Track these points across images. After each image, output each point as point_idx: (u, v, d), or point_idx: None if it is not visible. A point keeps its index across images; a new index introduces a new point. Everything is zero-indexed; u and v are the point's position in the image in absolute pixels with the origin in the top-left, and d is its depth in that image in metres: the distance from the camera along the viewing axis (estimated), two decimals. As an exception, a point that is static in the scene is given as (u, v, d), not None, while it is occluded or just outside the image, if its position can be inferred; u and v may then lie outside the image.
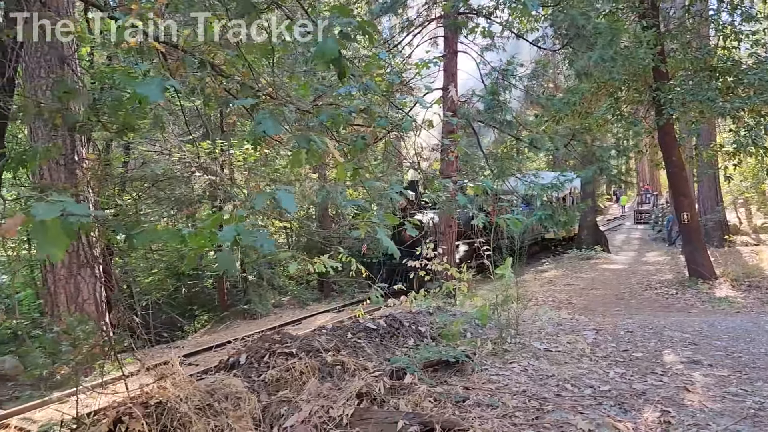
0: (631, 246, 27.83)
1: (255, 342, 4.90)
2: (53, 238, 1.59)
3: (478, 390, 4.59)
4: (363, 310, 10.14)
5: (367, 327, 5.78)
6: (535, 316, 7.31)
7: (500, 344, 5.73)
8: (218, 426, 3.83)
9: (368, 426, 3.99)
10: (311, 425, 4.00)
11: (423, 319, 6.46)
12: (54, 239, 1.59)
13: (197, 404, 3.89)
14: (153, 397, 3.89)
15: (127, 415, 3.79)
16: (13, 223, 1.53)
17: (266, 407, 4.16)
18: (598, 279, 17.10)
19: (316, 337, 5.00)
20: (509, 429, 3.89)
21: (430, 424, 3.90)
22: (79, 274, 10.95)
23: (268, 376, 4.44)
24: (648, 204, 38.58)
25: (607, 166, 9.08)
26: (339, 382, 4.49)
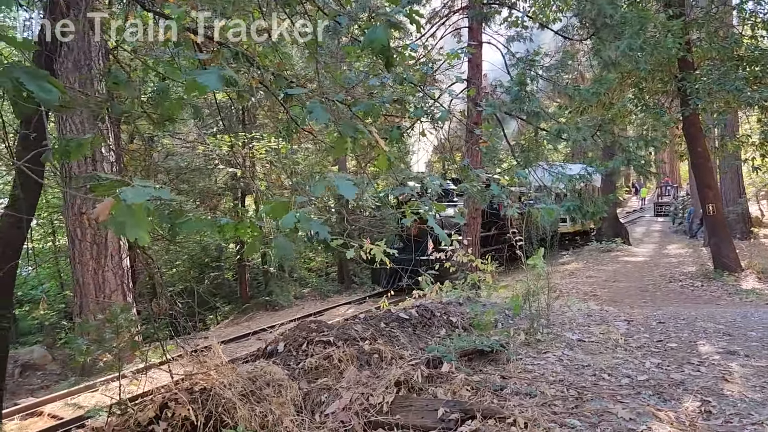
0: (652, 238, 27.56)
1: (292, 331, 4.96)
2: (139, 221, 1.64)
3: (515, 379, 4.61)
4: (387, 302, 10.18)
5: (399, 317, 5.81)
6: (564, 306, 7.29)
7: (532, 334, 5.74)
8: (262, 412, 3.89)
9: (409, 413, 4.03)
10: (352, 412, 4.04)
11: (453, 309, 6.48)
12: (140, 222, 1.63)
13: (240, 390, 3.95)
14: (197, 384, 3.95)
15: (173, 401, 3.85)
16: (104, 207, 1.58)
17: (307, 394, 4.22)
18: (620, 271, 16.98)
19: (352, 326, 5.04)
20: (549, 417, 3.90)
21: (470, 411, 3.93)
22: (106, 266, 11.11)
23: (307, 364, 4.49)
24: (668, 196, 38.14)
25: (634, 157, 8.99)
26: (377, 371, 4.53)
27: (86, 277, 10.98)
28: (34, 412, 8.86)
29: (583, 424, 3.80)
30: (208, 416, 3.79)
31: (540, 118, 8.29)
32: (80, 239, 10.88)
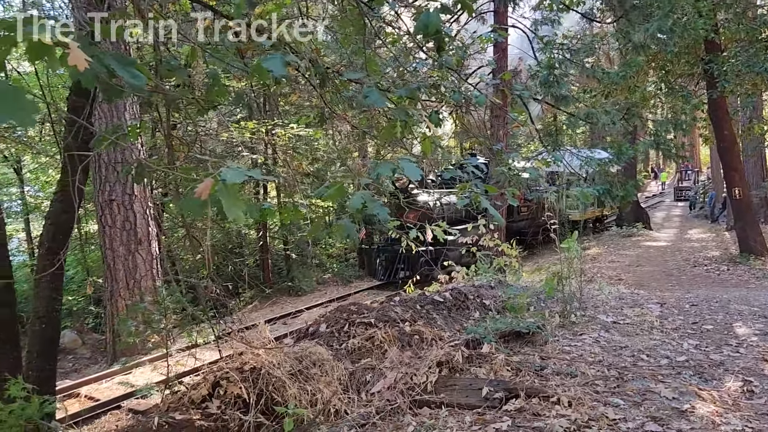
0: (673, 223, 27.35)
1: (333, 312, 5.05)
2: (235, 200, 1.71)
3: (554, 360, 4.67)
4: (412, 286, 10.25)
5: (434, 299, 5.89)
6: (596, 290, 7.32)
7: (567, 317, 5.79)
8: (311, 390, 3.99)
9: (453, 392, 4.12)
10: (397, 391, 4.13)
11: (485, 292, 6.54)
12: (236, 202, 1.71)
13: (289, 370, 4.06)
14: (247, 363, 4.06)
15: (225, 379, 3.97)
16: (205, 186, 1.65)
17: (352, 374, 4.31)
18: (643, 256, 16.89)
19: (392, 308, 5.13)
20: (592, 396, 3.96)
21: (514, 390, 4.01)
22: (137, 252, 11.30)
23: (350, 345, 4.58)
24: (689, 181, 37.75)
25: (662, 141, 8.94)
26: (418, 351, 4.61)
27: (117, 263, 11.18)
28: (71, 393, 9.10)
29: (626, 402, 3.86)
30: (259, 394, 3.90)
31: (569, 102, 8.26)
32: (110, 226, 11.07)
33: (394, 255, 13.66)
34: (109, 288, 11.29)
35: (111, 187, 11.02)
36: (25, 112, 1.42)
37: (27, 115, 1.42)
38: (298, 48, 5.62)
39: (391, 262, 13.87)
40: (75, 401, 8.97)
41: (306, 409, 3.82)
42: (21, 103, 1.42)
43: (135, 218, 11.31)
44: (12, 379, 3.83)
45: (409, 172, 2.42)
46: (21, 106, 1.42)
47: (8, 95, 1.40)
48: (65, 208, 4.69)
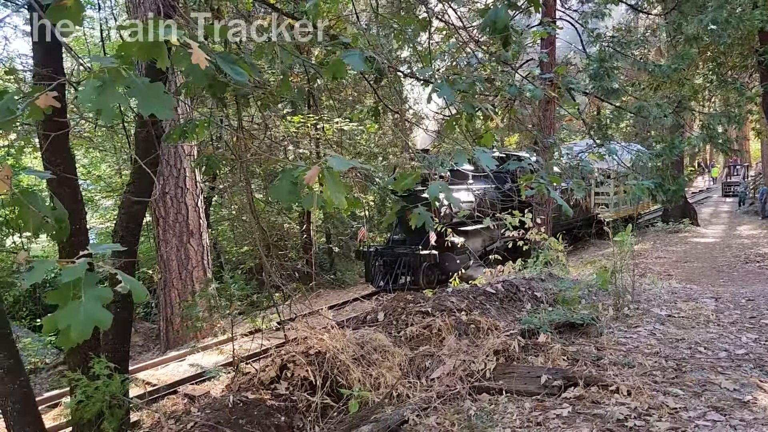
0: (721, 219, 26.61)
1: (390, 301, 5.20)
2: (339, 186, 1.86)
3: (610, 351, 4.71)
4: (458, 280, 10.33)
5: (486, 291, 5.97)
6: (647, 284, 7.28)
7: (620, 309, 5.80)
8: (374, 375, 4.14)
9: (511, 379, 4.21)
10: (456, 377, 4.25)
11: (536, 284, 6.59)
12: (340, 188, 1.85)
13: (352, 354, 4.22)
14: (312, 347, 4.24)
15: (291, 362, 4.16)
16: (313, 173, 1.80)
17: (411, 360, 4.45)
18: (691, 252, 16.55)
19: (447, 298, 5.25)
20: (651, 386, 4.00)
21: (573, 378, 4.08)
22: (189, 244, 11.69)
23: (408, 332, 4.72)
24: (738, 176, 36.61)
25: (715, 135, 8.79)
26: (475, 340, 4.72)
27: (170, 254, 11.57)
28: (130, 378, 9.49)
29: (686, 393, 3.89)
30: (324, 377, 4.08)
31: (619, 95, 8.20)
32: (164, 218, 11.47)
33: (394, 259, 12.41)
34: (163, 278, 11.69)
35: (164, 181, 11.40)
36: (165, 105, 1.59)
37: (166, 108, 1.59)
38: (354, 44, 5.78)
39: (391, 266, 12.55)
40: (132, 385, 9.39)
41: (370, 392, 3.97)
42: (160, 98, 1.59)
43: (187, 211, 11.68)
44: (95, 357, 4.10)
45: (484, 160, 2.53)
46: (161, 100, 1.59)
47: (151, 91, 1.58)
48: (138, 198, 4.95)
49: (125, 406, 3.88)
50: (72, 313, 1.17)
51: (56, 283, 1.22)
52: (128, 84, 1.57)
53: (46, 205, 1.66)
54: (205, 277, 11.88)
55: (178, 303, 11.49)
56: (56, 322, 1.19)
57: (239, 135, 4.20)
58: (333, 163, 1.79)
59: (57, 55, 4.39)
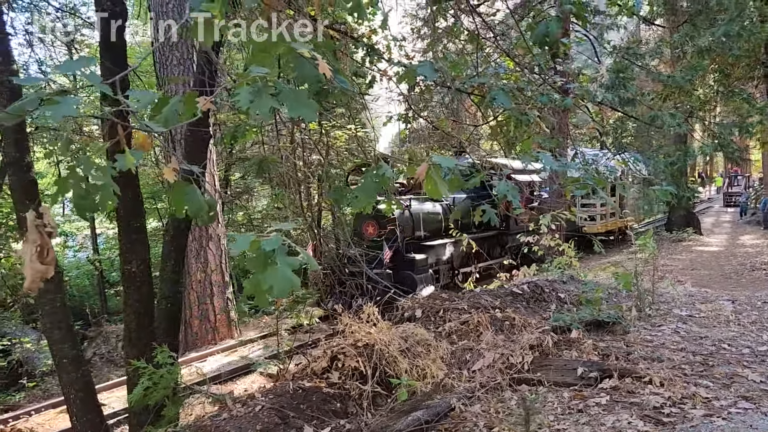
0: (723, 229, 26.87)
1: (426, 300, 5.45)
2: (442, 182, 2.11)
3: (637, 346, 4.96)
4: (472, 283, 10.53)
5: (513, 291, 6.22)
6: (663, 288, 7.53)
7: (642, 310, 6.05)
8: (419, 366, 4.39)
9: (548, 372, 4.46)
10: (496, 369, 4.49)
11: (559, 286, 6.84)
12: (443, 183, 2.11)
13: (398, 347, 4.46)
14: (360, 340, 4.48)
15: (342, 354, 4.40)
16: (422, 169, 2.06)
17: (453, 353, 4.69)
18: (697, 260, 16.79)
19: (482, 296, 5.50)
20: (682, 378, 4.25)
21: (608, 371, 4.33)
22: (208, 247, 11.92)
23: (447, 328, 4.96)
24: (738, 186, 36.92)
25: (726, 143, 9.08)
26: (510, 335, 4.96)
27: (189, 258, 11.78)
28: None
29: (715, 384, 4.14)
30: (374, 368, 4.31)
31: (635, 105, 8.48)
32: (184, 222, 11.67)
33: (347, 279, 10.73)
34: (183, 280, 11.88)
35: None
36: (309, 109, 1.85)
37: (310, 111, 1.84)
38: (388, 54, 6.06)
39: (342, 287, 10.78)
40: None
41: (418, 382, 4.21)
42: (306, 103, 1.85)
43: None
44: (158, 347, 4.34)
45: (546, 162, 2.79)
46: (306, 104, 1.85)
47: (297, 96, 1.84)
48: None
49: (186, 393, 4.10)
50: (273, 276, 1.41)
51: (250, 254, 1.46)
52: (278, 90, 1.83)
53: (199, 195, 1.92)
54: (224, 281, 12.12)
55: (197, 306, 11.72)
56: (259, 284, 1.43)
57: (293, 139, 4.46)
58: (441, 161, 2.04)
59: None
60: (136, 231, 4.69)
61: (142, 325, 4.64)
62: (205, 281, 11.85)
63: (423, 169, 2.05)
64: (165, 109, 1.81)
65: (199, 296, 11.67)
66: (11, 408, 10.17)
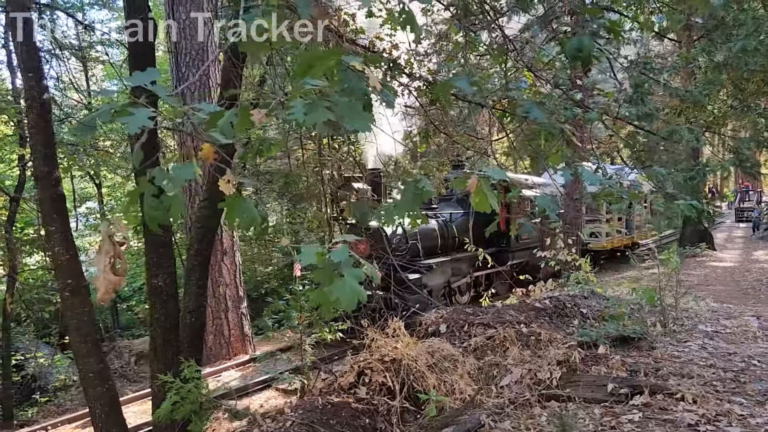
0: (736, 245, 26.67)
1: (450, 314, 5.42)
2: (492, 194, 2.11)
3: (665, 363, 4.90)
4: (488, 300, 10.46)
5: (535, 306, 6.17)
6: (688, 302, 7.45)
7: (666, 325, 5.99)
8: (446, 381, 4.35)
9: (578, 388, 4.40)
10: (524, 385, 4.45)
11: (580, 301, 6.78)
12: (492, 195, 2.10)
13: (425, 362, 4.42)
14: (387, 355, 4.45)
15: (369, 369, 4.37)
16: (473, 182, 2.05)
17: (479, 368, 4.65)
18: (711, 276, 16.67)
19: (506, 311, 5.46)
20: (714, 395, 4.19)
21: (638, 387, 4.27)
22: (222, 262, 11.93)
23: (473, 343, 4.92)
24: (750, 201, 36.70)
25: (744, 158, 9.03)
26: (536, 350, 4.92)
27: (204, 272, 11.78)
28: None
29: (749, 401, 4.07)
30: (401, 383, 4.28)
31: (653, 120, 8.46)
32: (199, 236, 11.70)
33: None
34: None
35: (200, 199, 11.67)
36: (364, 121, 1.85)
37: (365, 123, 1.85)
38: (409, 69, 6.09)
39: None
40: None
41: (446, 398, 4.17)
42: (361, 115, 1.85)
43: (221, 230, 11.93)
44: (184, 362, 4.33)
45: (588, 178, 2.78)
46: (361, 116, 1.85)
47: (352, 109, 1.84)
48: (212, 212, 5.22)
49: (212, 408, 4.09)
50: (341, 288, 1.41)
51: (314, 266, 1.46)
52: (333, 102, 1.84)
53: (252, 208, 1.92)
54: (238, 296, 12.12)
55: (211, 320, 11.71)
56: (326, 296, 1.42)
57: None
58: (492, 173, 2.04)
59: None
60: (162, 245, 4.70)
61: (168, 339, 4.64)
62: (220, 297, 11.84)
63: (474, 182, 2.05)
64: (220, 122, 1.82)
65: (213, 311, 11.65)
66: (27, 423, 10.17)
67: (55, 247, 4.39)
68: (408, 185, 2.63)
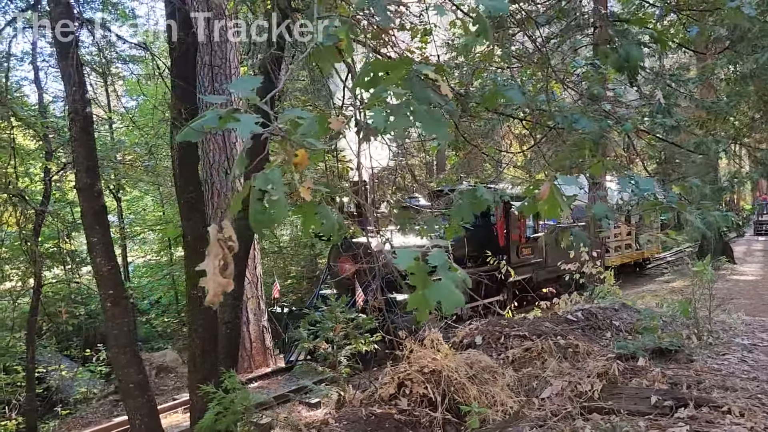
0: (756, 258, 26.35)
1: (485, 326, 5.39)
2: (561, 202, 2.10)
3: (706, 375, 4.84)
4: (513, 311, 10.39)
5: (567, 319, 6.13)
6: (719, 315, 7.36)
7: (701, 338, 5.92)
8: (487, 393, 4.32)
9: (620, 400, 4.35)
10: (565, 397, 4.41)
11: (612, 314, 6.73)
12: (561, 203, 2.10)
13: (466, 374, 4.40)
14: (426, 366, 4.43)
15: (408, 380, 4.35)
16: (545, 189, 2.05)
17: (519, 380, 4.62)
18: (734, 289, 16.47)
19: (542, 323, 5.43)
20: (762, 408, 4.12)
21: (682, 399, 4.21)
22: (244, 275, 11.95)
23: (511, 355, 4.89)
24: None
25: (772, 169, 8.96)
26: (574, 363, 4.87)
27: (226, 285, 11.81)
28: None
29: (797, 415, 4.00)
30: (442, 395, 4.26)
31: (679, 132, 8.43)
32: (221, 249, 11.75)
33: (312, 324, 8.08)
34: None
35: (222, 213, 11.75)
36: (443, 128, 1.86)
37: (444, 131, 1.86)
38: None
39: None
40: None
41: (489, 409, 4.14)
42: (440, 122, 1.87)
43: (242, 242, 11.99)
44: (225, 372, 4.34)
45: (644, 185, 2.77)
46: (440, 124, 1.87)
47: (431, 116, 1.86)
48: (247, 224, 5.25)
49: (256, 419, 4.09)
50: (440, 291, 1.42)
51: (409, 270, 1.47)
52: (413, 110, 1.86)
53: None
54: (259, 308, 12.15)
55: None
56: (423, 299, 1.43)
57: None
58: (564, 181, 2.04)
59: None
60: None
61: (206, 350, 4.66)
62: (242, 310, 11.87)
63: (546, 188, 2.05)
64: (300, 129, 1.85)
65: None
66: (52, 435, 10.22)
67: (97, 258, 4.44)
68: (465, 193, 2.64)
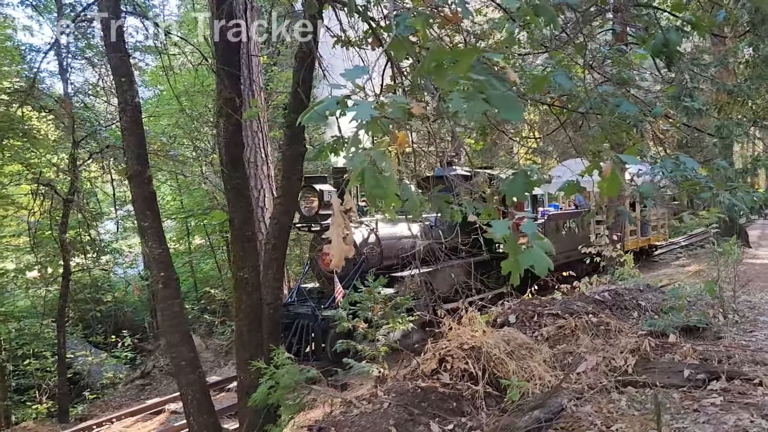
0: (770, 242, 26.32)
1: (518, 305, 5.57)
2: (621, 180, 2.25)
3: (735, 350, 4.99)
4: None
5: (595, 299, 6.28)
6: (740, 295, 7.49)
7: (726, 316, 6.06)
8: (525, 368, 4.50)
9: (653, 374, 4.52)
10: (600, 372, 4.58)
11: (638, 294, 6.87)
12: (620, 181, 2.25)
13: (504, 349, 4.58)
14: (465, 343, 4.61)
15: (449, 356, 4.54)
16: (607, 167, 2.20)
17: (554, 356, 4.79)
18: (749, 272, 16.42)
19: (574, 302, 5.59)
20: (791, 381, 4.27)
21: (715, 372, 4.38)
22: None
23: (545, 332, 5.06)
24: (784, 199, 36.04)
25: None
26: (606, 339, 5.04)
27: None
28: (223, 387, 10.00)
29: (827, 387, 4.15)
30: (482, 369, 4.44)
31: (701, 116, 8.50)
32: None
33: (291, 322, 8.11)
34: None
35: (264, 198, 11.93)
36: (518, 111, 2.02)
37: (519, 113, 2.01)
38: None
39: (287, 332, 7.98)
40: (226, 394, 9.84)
41: (527, 383, 4.32)
42: (515, 105, 2.02)
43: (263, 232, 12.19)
44: (275, 349, 4.54)
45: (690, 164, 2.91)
46: (515, 107, 2.02)
47: (507, 100, 2.01)
48: (286, 209, 5.44)
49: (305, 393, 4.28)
50: (532, 257, 1.58)
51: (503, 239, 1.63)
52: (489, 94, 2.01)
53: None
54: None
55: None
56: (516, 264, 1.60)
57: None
58: (627, 159, 2.19)
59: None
60: (248, 239, 4.92)
61: (252, 329, 4.86)
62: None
63: (608, 167, 2.20)
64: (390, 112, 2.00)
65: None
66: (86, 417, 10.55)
67: (149, 242, 4.64)
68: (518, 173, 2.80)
